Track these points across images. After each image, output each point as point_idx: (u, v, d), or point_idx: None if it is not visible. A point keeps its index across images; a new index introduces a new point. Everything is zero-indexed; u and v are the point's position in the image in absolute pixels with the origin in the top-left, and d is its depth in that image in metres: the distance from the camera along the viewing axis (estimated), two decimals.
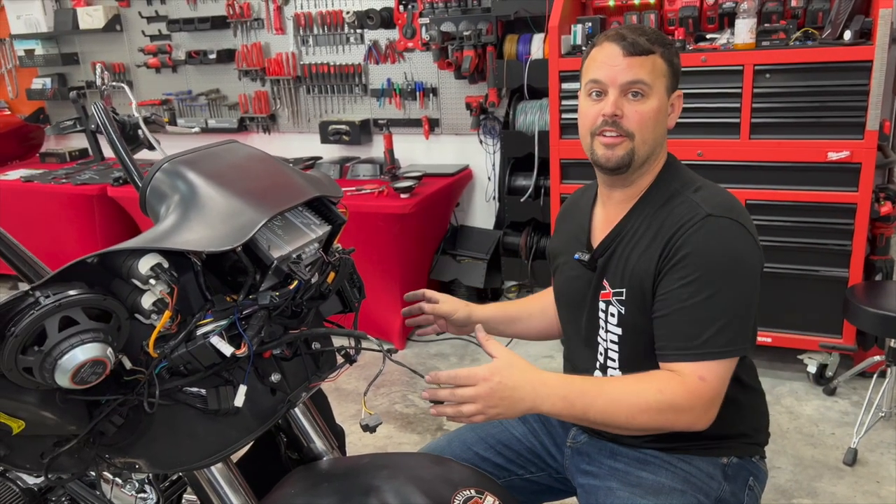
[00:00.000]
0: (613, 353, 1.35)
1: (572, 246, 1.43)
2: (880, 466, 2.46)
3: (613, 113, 1.25)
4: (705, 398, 1.20)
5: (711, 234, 1.22)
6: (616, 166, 1.28)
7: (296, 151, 4.26)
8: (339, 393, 3.04)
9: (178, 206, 0.94)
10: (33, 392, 0.86)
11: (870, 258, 2.87)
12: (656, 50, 1.25)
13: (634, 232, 1.31)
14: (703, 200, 1.27)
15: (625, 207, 1.35)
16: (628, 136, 1.26)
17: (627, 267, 1.30)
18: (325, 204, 1.07)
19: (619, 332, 1.33)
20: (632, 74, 1.24)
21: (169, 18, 4.42)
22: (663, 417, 1.19)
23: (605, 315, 1.35)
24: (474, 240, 3.82)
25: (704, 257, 1.21)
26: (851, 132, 2.64)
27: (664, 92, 1.28)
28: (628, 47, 1.24)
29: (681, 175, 1.34)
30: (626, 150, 1.27)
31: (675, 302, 1.22)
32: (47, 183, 4.16)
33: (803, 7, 2.81)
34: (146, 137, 1.41)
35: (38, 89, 4.96)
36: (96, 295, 0.84)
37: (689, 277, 1.21)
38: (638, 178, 1.33)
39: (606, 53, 1.26)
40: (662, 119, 1.29)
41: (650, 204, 1.32)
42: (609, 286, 1.33)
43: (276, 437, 1.23)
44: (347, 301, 1.15)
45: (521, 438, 1.49)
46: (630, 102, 1.25)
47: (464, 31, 3.46)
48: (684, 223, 1.24)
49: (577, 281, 1.41)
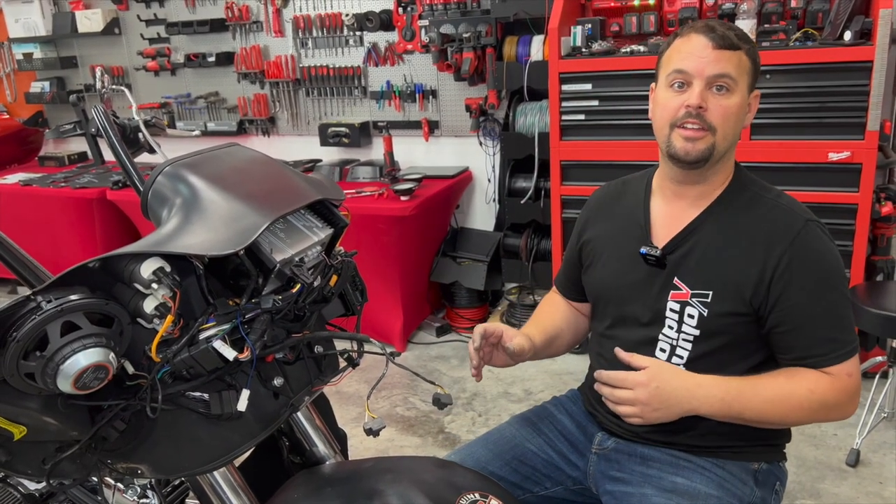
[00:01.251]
0: (682, 352, 1.32)
1: (623, 240, 1.40)
2: (883, 467, 2.46)
3: (699, 105, 1.23)
4: (852, 391, 1.26)
5: (817, 240, 1.26)
6: (695, 160, 1.26)
7: (295, 154, 4.25)
8: (341, 396, 3.04)
9: (179, 209, 0.93)
10: (35, 397, 0.86)
11: (871, 259, 2.87)
12: (743, 46, 1.24)
13: (715, 233, 1.30)
14: (792, 205, 1.30)
15: (697, 205, 1.33)
16: (710, 129, 1.24)
17: (716, 270, 1.28)
18: (327, 207, 1.07)
19: (697, 333, 1.30)
20: (720, 67, 1.22)
21: (167, 21, 4.42)
22: (815, 415, 1.25)
23: (679, 315, 1.31)
24: (474, 242, 3.82)
25: (818, 264, 1.24)
26: (852, 133, 2.64)
27: (746, 89, 1.27)
28: (717, 40, 1.22)
29: (754, 180, 1.35)
30: (708, 144, 1.25)
31: (804, 313, 1.24)
32: (46, 186, 4.16)
33: (803, 7, 2.81)
34: (147, 141, 1.40)
35: (37, 93, 4.95)
36: (98, 299, 0.84)
37: (809, 286, 1.24)
38: (712, 176, 1.31)
39: (694, 44, 1.24)
40: (742, 116, 1.28)
41: (728, 206, 1.31)
42: (686, 286, 1.30)
43: (278, 441, 1.22)
44: (350, 304, 1.14)
45: (536, 452, 1.44)
46: (714, 96, 1.24)
47: (463, 33, 3.46)
48: (787, 231, 1.25)
49: (632, 276, 1.37)
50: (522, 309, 3.64)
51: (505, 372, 3.27)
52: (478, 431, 2.83)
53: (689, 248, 1.31)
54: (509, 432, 1.49)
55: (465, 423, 2.90)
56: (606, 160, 3.02)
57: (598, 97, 3.00)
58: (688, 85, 1.25)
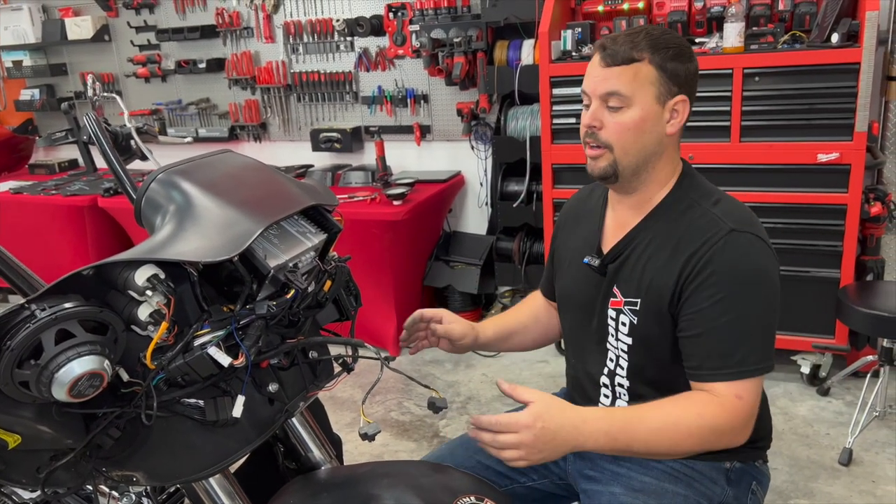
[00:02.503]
0: (623, 362, 1.34)
1: (581, 248, 1.41)
2: (876, 466, 2.47)
3: (590, 124, 1.26)
4: (744, 416, 1.20)
5: (736, 251, 1.21)
6: (599, 177, 1.29)
7: (287, 160, 4.25)
8: (335, 401, 3.03)
9: (173, 216, 0.94)
10: (29, 406, 0.86)
11: (861, 258, 2.89)
12: (642, 57, 1.21)
13: (650, 241, 1.30)
14: (724, 214, 1.25)
15: (637, 214, 1.33)
16: (607, 147, 1.25)
17: (644, 277, 1.28)
18: (320, 212, 1.07)
19: (630, 342, 1.31)
20: (608, 85, 1.23)
21: (158, 28, 4.41)
22: (705, 441, 1.19)
23: (616, 323, 1.33)
24: (467, 245, 3.82)
25: (732, 275, 1.20)
26: (840, 134, 2.66)
27: (652, 100, 1.23)
28: (606, 57, 1.23)
29: (698, 186, 1.32)
30: (608, 161, 1.26)
31: (706, 321, 1.21)
32: (37, 194, 4.14)
33: (790, 10, 2.84)
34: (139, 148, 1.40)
35: (27, 100, 4.93)
36: (92, 307, 0.84)
37: (718, 296, 1.20)
38: (641, 187, 1.30)
39: (592, 63, 1.27)
40: (650, 128, 1.25)
41: (666, 214, 1.30)
42: (621, 294, 1.31)
43: (273, 447, 1.22)
44: (344, 309, 1.14)
45: None
46: (610, 113, 1.24)
47: (454, 38, 3.47)
48: (707, 238, 1.22)
49: (584, 284, 1.39)
50: None
51: (499, 375, 3.28)
52: None
53: (626, 256, 1.32)
54: None
55: (460, 426, 2.91)
56: None
57: None
58: (590, 104, 1.27)
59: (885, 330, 2.47)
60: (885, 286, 2.67)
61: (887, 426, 2.67)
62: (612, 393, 1.38)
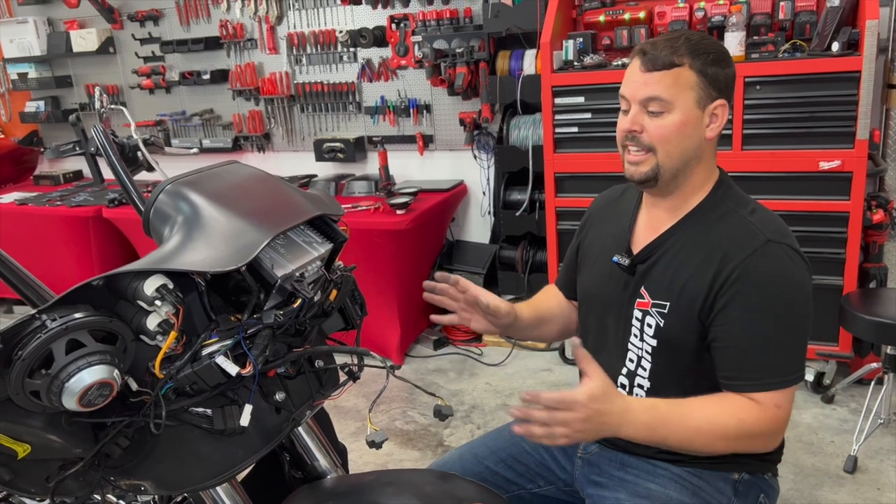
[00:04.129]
0: (646, 363, 1.33)
1: (610, 246, 1.41)
2: (881, 473, 2.47)
3: (630, 129, 1.26)
4: (780, 423, 1.22)
5: (773, 261, 1.21)
6: (641, 181, 1.29)
7: (290, 170, 4.27)
8: (339, 410, 3.03)
9: (181, 227, 0.95)
10: (39, 415, 0.87)
11: (864, 266, 2.89)
12: (683, 62, 1.22)
13: (682, 245, 1.30)
14: (760, 224, 1.25)
15: (671, 217, 1.33)
16: (650, 150, 1.26)
17: (675, 281, 1.28)
18: (326, 222, 1.08)
19: (654, 344, 1.31)
20: (648, 91, 1.23)
21: (162, 40, 4.44)
22: (740, 444, 1.21)
23: (641, 324, 1.33)
24: (470, 254, 3.83)
25: (768, 286, 1.20)
26: (842, 142, 2.67)
27: (692, 105, 1.24)
28: (647, 63, 1.23)
29: (734, 194, 1.33)
30: (651, 165, 1.26)
31: (742, 332, 1.21)
32: (42, 205, 4.16)
33: (791, 19, 2.85)
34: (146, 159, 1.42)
35: (32, 112, 4.96)
36: (102, 317, 0.85)
37: (754, 307, 1.20)
38: (677, 190, 1.31)
39: (631, 68, 1.27)
40: (691, 132, 1.25)
41: (701, 220, 1.30)
42: (649, 296, 1.31)
43: (279, 456, 1.23)
44: (349, 318, 1.15)
45: (530, 451, 1.48)
46: (650, 117, 1.25)
47: (456, 48, 3.49)
48: (744, 247, 1.22)
49: (610, 282, 1.39)
50: None
51: (503, 384, 3.28)
52: None
53: (657, 257, 1.32)
54: (507, 431, 1.53)
55: (464, 435, 2.90)
56: (600, 172, 3.05)
57: (591, 110, 3.02)
58: (630, 109, 1.27)
59: (889, 337, 2.47)
60: (888, 293, 2.67)
61: (892, 434, 2.67)
62: (629, 394, 1.37)
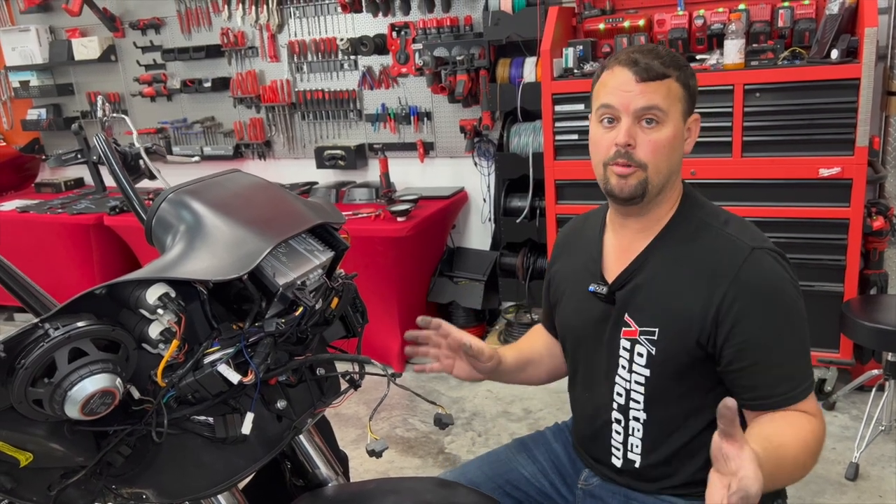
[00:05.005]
0: (638, 395, 1.27)
1: (581, 277, 1.36)
2: (882, 481, 2.46)
3: (626, 142, 1.19)
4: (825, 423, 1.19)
5: (765, 270, 1.18)
6: (629, 196, 1.22)
7: (291, 177, 4.28)
8: (340, 418, 3.03)
9: (183, 235, 0.95)
10: (42, 424, 0.87)
11: (864, 272, 2.89)
12: (671, 74, 1.19)
13: (661, 266, 1.25)
14: (739, 233, 1.22)
15: (643, 237, 1.28)
16: (640, 166, 1.20)
17: (661, 305, 1.23)
18: (327, 230, 1.09)
19: (647, 374, 1.25)
20: (646, 100, 1.18)
21: (163, 48, 4.46)
22: (818, 457, 1.15)
23: (630, 354, 1.27)
24: (471, 261, 3.83)
25: (768, 292, 1.17)
26: (842, 149, 2.67)
27: (680, 117, 1.22)
28: (641, 73, 1.18)
29: (702, 204, 1.29)
30: (639, 179, 1.21)
31: (761, 345, 1.16)
32: (43, 213, 4.17)
33: (790, 27, 2.86)
34: (147, 167, 1.42)
35: (34, 120, 4.97)
36: (105, 326, 0.85)
37: (763, 320, 1.16)
38: (654, 207, 1.26)
39: (619, 80, 1.20)
40: (678, 146, 1.23)
41: (675, 236, 1.26)
42: (635, 323, 1.26)
43: (280, 464, 1.23)
44: (350, 326, 1.16)
45: (529, 479, 1.43)
46: (644, 130, 1.20)
47: (457, 56, 3.50)
48: (731, 262, 1.18)
49: (588, 314, 1.33)
50: (520, 327, 3.65)
51: (504, 391, 3.28)
52: (478, 451, 2.83)
53: (637, 282, 1.26)
54: (506, 455, 1.48)
55: (465, 442, 2.90)
56: None
57: None
58: (616, 120, 1.21)
59: (890, 344, 2.47)
60: (889, 300, 2.67)
61: (893, 440, 2.66)
62: (625, 429, 1.31)
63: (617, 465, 1.34)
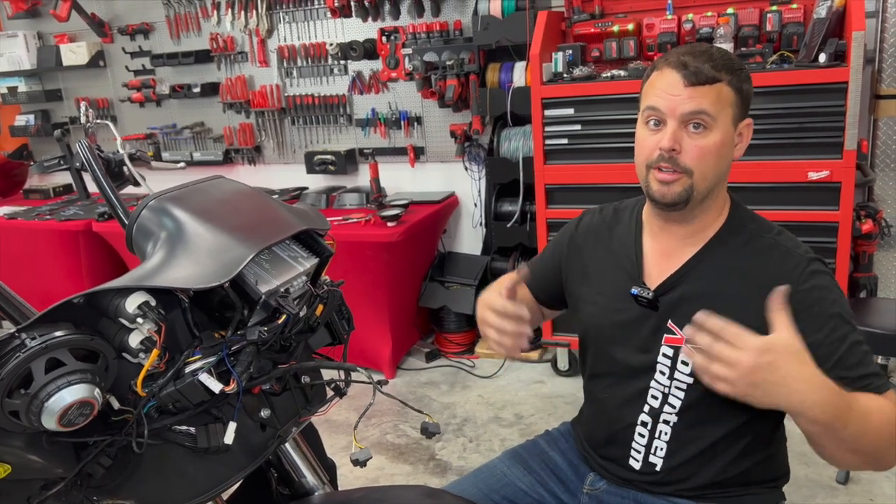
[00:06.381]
0: (675, 400, 1.25)
1: (615, 276, 1.32)
2: (873, 484, 2.46)
3: (671, 147, 1.16)
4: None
5: (821, 277, 1.18)
6: (672, 203, 1.19)
7: (282, 182, 4.26)
8: (330, 425, 3.01)
9: (164, 243, 0.94)
10: (19, 435, 0.85)
11: (854, 276, 2.90)
12: (723, 77, 1.15)
13: (712, 275, 1.22)
14: (792, 244, 1.22)
15: (690, 244, 1.25)
16: (686, 172, 1.17)
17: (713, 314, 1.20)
18: (312, 237, 1.08)
19: (691, 381, 1.22)
20: (694, 104, 1.15)
21: (152, 53, 4.44)
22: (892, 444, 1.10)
23: (673, 361, 1.24)
24: (462, 266, 3.83)
25: (830, 300, 1.17)
26: (830, 152, 2.68)
27: (730, 123, 1.18)
28: (690, 76, 1.14)
29: (752, 215, 1.28)
30: (684, 186, 1.17)
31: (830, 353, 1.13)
32: (31, 219, 4.14)
33: (778, 31, 2.87)
34: (131, 174, 1.41)
35: (22, 126, 4.94)
36: (83, 335, 0.84)
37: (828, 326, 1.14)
38: (700, 214, 1.23)
39: (667, 81, 1.17)
40: (726, 153, 1.20)
41: (728, 245, 1.23)
42: (681, 332, 1.22)
43: (266, 473, 1.22)
44: (336, 333, 1.14)
45: (527, 491, 1.40)
46: (690, 135, 1.16)
47: (446, 61, 3.50)
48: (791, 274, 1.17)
49: (623, 315, 1.29)
50: None
51: (495, 396, 3.27)
52: (468, 457, 2.81)
53: (684, 290, 1.23)
54: (500, 469, 1.45)
55: (456, 449, 2.89)
56: (590, 183, 3.05)
57: (581, 121, 3.03)
58: (663, 123, 1.18)
59: (879, 347, 2.47)
60: (878, 303, 2.67)
61: None
62: (650, 432, 1.29)
63: (635, 467, 1.31)
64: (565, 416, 2.84)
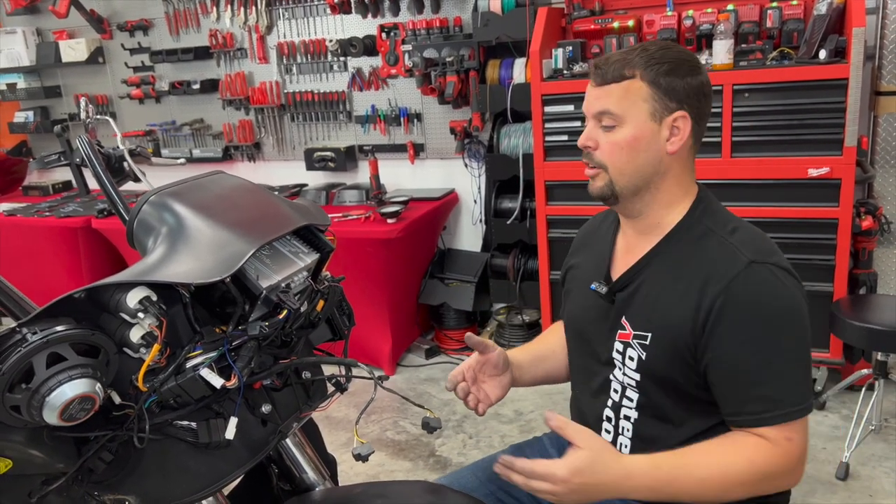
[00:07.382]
0: (632, 393, 1.26)
1: (590, 274, 1.35)
2: (873, 480, 2.47)
3: (585, 144, 1.24)
4: (796, 458, 1.14)
5: (758, 285, 1.14)
6: (599, 197, 1.25)
7: (281, 179, 4.26)
8: (330, 421, 3.02)
9: (165, 238, 0.94)
10: (21, 430, 0.85)
11: (853, 272, 2.90)
12: (633, 74, 1.18)
13: (661, 271, 1.23)
14: (741, 244, 1.18)
15: (646, 240, 1.27)
16: (601, 167, 1.23)
17: (655, 310, 1.22)
18: (312, 232, 1.07)
19: (638, 378, 1.24)
20: (599, 105, 1.21)
21: (152, 50, 4.43)
22: (757, 487, 1.14)
23: (623, 357, 1.26)
24: (462, 263, 3.83)
25: (756, 311, 1.13)
26: (830, 149, 2.68)
27: (646, 118, 1.19)
28: (597, 77, 1.21)
29: (714, 212, 1.26)
30: (604, 181, 1.23)
31: (736, 365, 1.14)
32: (31, 216, 4.13)
33: (778, 28, 2.87)
34: (132, 170, 1.41)
35: (21, 122, 4.94)
36: (84, 330, 0.84)
37: (744, 336, 1.13)
38: (646, 209, 1.25)
39: (588, 84, 1.25)
40: (645, 147, 1.20)
41: (679, 242, 1.24)
42: (630, 327, 1.25)
43: (267, 469, 1.22)
44: (337, 329, 1.15)
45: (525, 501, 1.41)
46: (604, 132, 1.22)
47: (446, 57, 3.49)
48: (725, 272, 1.15)
49: (590, 312, 1.34)
50: (511, 329, 3.65)
51: None
52: (469, 453, 2.82)
53: (636, 285, 1.26)
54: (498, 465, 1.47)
55: (456, 445, 2.89)
56: None
57: (581, 118, 2.98)
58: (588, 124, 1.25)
59: (879, 343, 2.48)
60: (878, 299, 2.68)
61: (883, 440, 2.67)
62: (615, 428, 1.31)
63: None
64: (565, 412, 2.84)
